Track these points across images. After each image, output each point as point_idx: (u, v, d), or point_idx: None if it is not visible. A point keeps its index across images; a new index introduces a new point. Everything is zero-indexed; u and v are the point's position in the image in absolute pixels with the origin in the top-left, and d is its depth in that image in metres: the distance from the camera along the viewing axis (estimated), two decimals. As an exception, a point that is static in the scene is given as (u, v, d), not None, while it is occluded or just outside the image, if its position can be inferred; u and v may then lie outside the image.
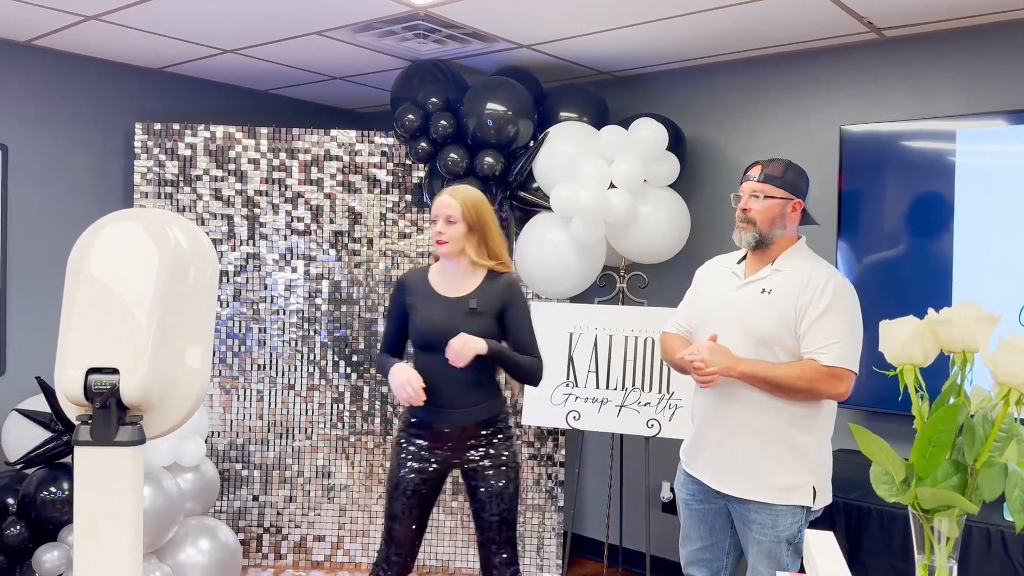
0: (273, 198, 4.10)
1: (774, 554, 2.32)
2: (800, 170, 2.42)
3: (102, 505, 1.50)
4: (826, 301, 2.26)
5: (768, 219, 2.35)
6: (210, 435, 4.01)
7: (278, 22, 3.43)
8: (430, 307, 2.60)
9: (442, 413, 2.58)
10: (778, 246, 2.39)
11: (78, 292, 1.51)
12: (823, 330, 2.26)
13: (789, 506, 2.30)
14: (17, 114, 3.86)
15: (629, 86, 4.13)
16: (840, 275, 2.38)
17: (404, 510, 2.63)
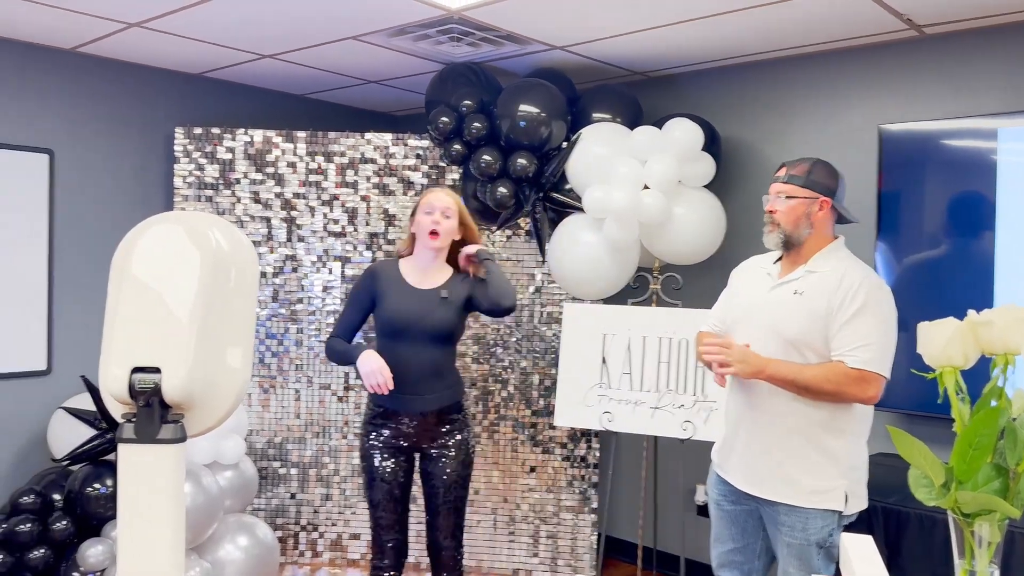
0: (310, 201, 4.16)
1: (804, 558, 2.30)
2: (829, 168, 2.38)
3: (145, 501, 1.54)
4: (858, 303, 2.23)
5: (792, 220, 2.33)
6: (249, 433, 4.07)
7: (315, 27, 3.48)
8: (401, 297, 2.72)
9: (408, 400, 2.70)
10: (811, 246, 2.35)
11: (122, 293, 1.54)
12: (853, 332, 2.22)
13: (819, 510, 2.27)
14: (63, 119, 3.96)
15: (663, 86, 4.11)
16: (875, 276, 2.33)
17: (386, 498, 2.75)
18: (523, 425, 4.07)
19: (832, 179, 2.36)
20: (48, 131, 3.91)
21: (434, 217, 2.71)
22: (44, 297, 3.86)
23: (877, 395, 2.23)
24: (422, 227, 2.73)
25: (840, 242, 2.39)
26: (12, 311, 3.76)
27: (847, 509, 2.29)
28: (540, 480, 4.04)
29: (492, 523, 4.07)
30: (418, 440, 2.77)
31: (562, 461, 4.03)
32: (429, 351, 2.72)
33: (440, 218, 2.72)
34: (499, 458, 4.08)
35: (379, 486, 2.75)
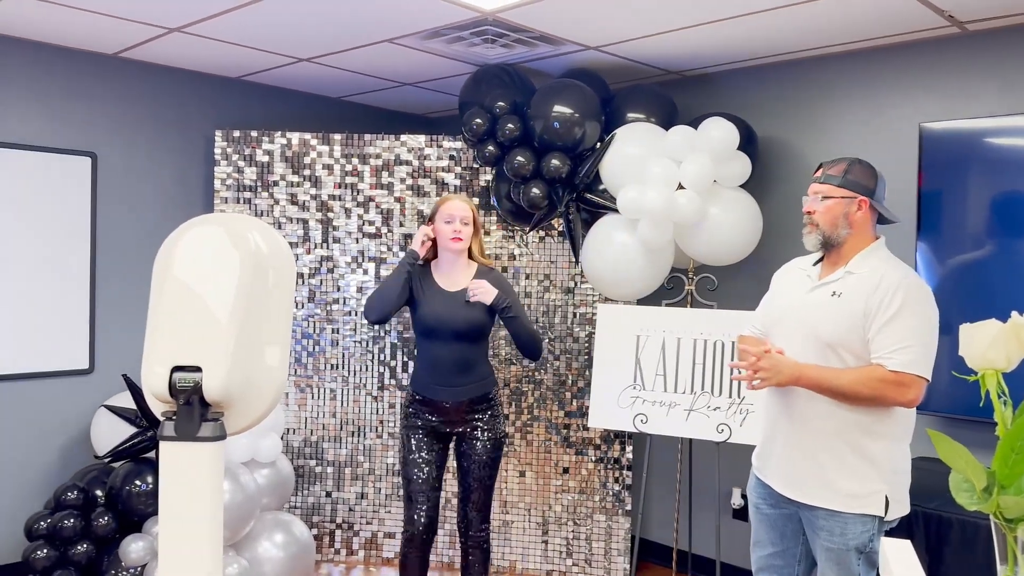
0: (346, 202, 4.20)
1: (844, 563, 2.26)
2: (868, 168, 2.34)
3: (185, 498, 1.56)
4: (897, 304, 2.19)
5: (829, 220, 2.30)
6: (286, 432, 4.13)
7: (351, 31, 3.52)
8: (433, 299, 2.99)
9: (443, 390, 2.98)
10: (851, 247, 2.31)
11: (163, 293, 1.57)
12: (892, 335, 2.18)
13: (859, 515, 2.23)
14: (105, 123, 4.05)
15: (698, 86, 4.08)
16: (916, 277, 2.29)
17: (420, 475, 3.02)
18: (556, 426, 4.07)
19: (871, 178, 2.32)
20: (91, 135, 4.00)
21: (455, 226, 2.96)
22: (87, 297, 3.95)
23: (918, 398, 2.19)
24: (444, 235, 2.98)
25: (881, 243, 2.35)
26: (56, 311, 3.85)
27: (888, 515, 2.25)
28: (573, 482, 4.04)
29: (525, 524, 4.07)
30: (453, 425, 3.03)
31: (596, 463, 4.02)
32: (459, 348, 2.98)
33: (460, 226, 2.97)
34: (532, 459, 4.08)
35: (413, 464, 3.02)
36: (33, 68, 3.81)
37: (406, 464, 3.04)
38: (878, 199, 2.32)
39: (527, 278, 4.11)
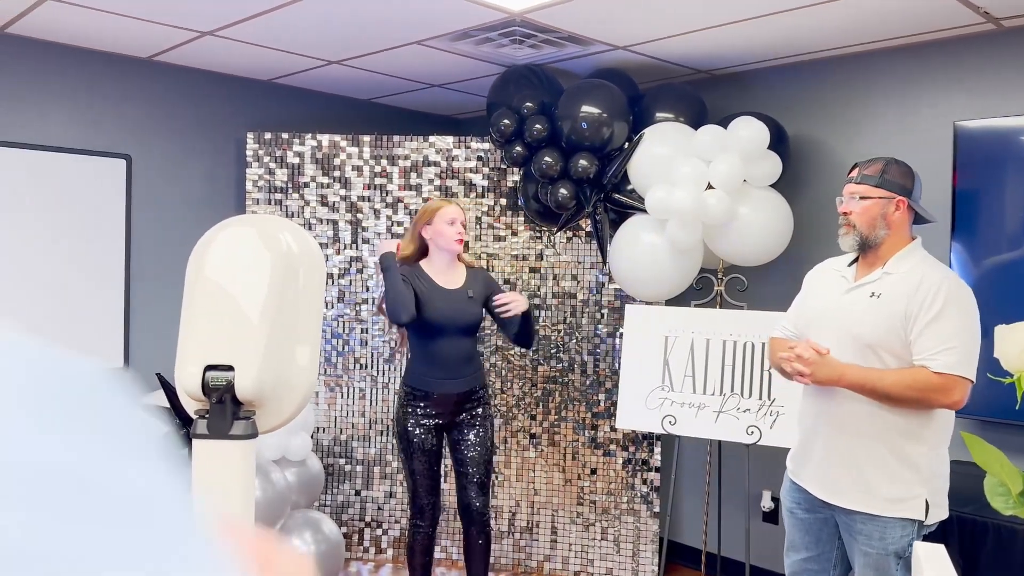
0: (375, 203, 4.23)
1: (883, 568, 2.24)
2: (905, 167, 2.32)
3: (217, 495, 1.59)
4: (939, 305, 2.16)
5: (867, 221, 2.28)
6: (315, 431, 4.16)
7: (380, 33, 3.54)
8: (438, 299, 3.11)
9: (448, 383, 3.14)
10: (888, 248, 2.29)
11: (196, 294, 1.60)
12: (935, 336, 2.15)
13: (898, 519, 2.21)
14: (139, 126, 4.12)
15: (728, 84, 4.05)
16: (955, 278, 2.26)
17: (424, 467, 3.18)
18: (584, 427, 4.06)
19: (908, 178, 2.30)
20: (126, 137, 4.07)
21: (457, 228, 3.13)
22: (121, 297, 4.01)
23: (963, 399, 2.16)
24: (447, 236, 3.11)
25: (918, 243, 2.32)
26: (91, 311, 3.93)
27: (928, 519, 2.23)
28: (601, 483, 4.03)
29: (553, 525, 4.07)
30: (450, 416, 3.19)
31: (624, 464, 4.01)
32: (461, 342, 3.16)
33: (461, 228, 3.15)
34: (560, 460, 4.08)
35: (419, 457, 3.16)
36: (69, 72, 3.89)
37: (411, 458, 3.17)
38: (915, 199, 2.29)
39: (554, 279, 4.11)
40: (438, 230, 3.11)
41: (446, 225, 3.10)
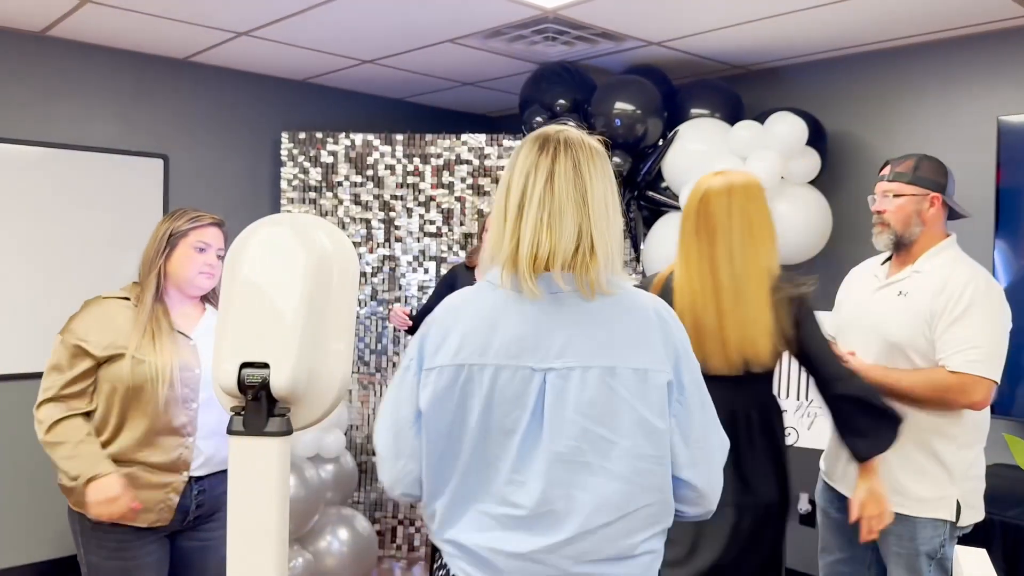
0: (407, 202, 4.24)
1: (914, 568, 2.21)
2: (937, 163, 2.28)
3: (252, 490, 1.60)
4: (964, 304, 2.12)
5: (901, 219, 2.24)
6: (349, 428, 4.19)
7: (413, 32, 3.55)
8: None
9: None
10: (920, 245, 2.26)
11: (233, 292, 1.61)
12: (958, 335, 2.12)
13: (929, 519, 2.19)
14: (177, 126, 4.18)
15: (765, 80, 4.00)
16: (985, 276, 2.20)
17: None
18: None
19: (941, 174, 2.26)
20: (163, 137, 4.13)
21: None
22: (161, 295, 4.07)
23: (985, 399, 2.12)
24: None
25: (951, 240, 2.28)
26: (132, 308, 3.98)
27: (960, 520, 2.19)
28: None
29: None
30: None
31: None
32: None
33: None
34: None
35: None
36: (107, 73, 3.95)
37: None
38: (949, 194, 2.25)
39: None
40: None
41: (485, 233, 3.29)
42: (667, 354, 1.33)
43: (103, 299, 2.17)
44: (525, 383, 1.29)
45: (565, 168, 1.31)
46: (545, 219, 1.29)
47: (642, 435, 1.29)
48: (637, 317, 1.35)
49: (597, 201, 1.32)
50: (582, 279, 1.30)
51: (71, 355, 2.07)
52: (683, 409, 1.34)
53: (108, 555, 2.08)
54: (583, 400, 1.28)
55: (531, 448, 1.29)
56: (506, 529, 1.29)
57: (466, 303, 1.38)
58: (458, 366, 1.32)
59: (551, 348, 1.30)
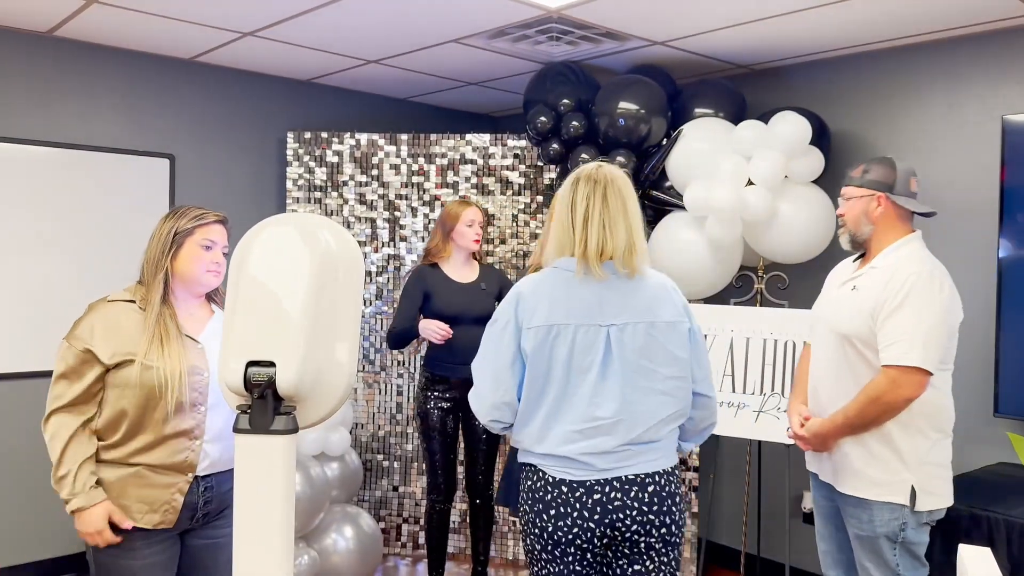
0: (412, 201, 4.26)
1: (876, 550, 2.31)
2: (888, 164, 2.40)
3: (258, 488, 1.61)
4: (900, 297, 2.24)
5: (852, 219, 2.42)
6: (354, 427, 4.20)
7: (418, 32, 3.56)
8: (453, 293, 3.39)
9: (456, 368, 3.33)
10: (878, 243, 2.39)
11: (239, 291, 1.62)
12: (891, 328, 2.24)
13: (884, 502, 2.28)
14: (183, 126, 4.20)
15: (769, 79, 4.00)
16: (929, 271, 2.29)
17: (442, 446, 3.44)
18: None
19: (889, 175, 2.39)
20: (169, 137, 4.15)
21: (475, 229, 3.43)
22: (167, 294, 4.09)
23: (916, 389, 2.22)
24: (467, 237, 3.42)
25: (910, 236, 2.39)
26: (138, 307, 4.00)
27: (918, 505, 2.27)
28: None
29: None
30: (464, 400, 3.26)
31: (661, 462, 3.98)
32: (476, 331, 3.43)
33: (479, 229, 3.46)
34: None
35: (437, 438, 3.44)
36: (114, 73, 3.98)
37: (430, 439, 3.44)
38: (899, 193, 2.37)
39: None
40: (460, 231, 3.43)
41: (466, 227, 3.42)
42: (683, 311, 2.03)
43: (108, 302, 2.13)
44: (596, 335, 1.94)
45: (612, 194, 1.98)
46: (607, 226, 1.96)
47: (674, 364, 1.97)
48: (660, 289, 2.03)
49: (633, 215, 2.00)
50: (629, 266, 1.98)
51: (80, 361, 2.04)
52: (695, 346, 2.03)
53: (118, 554, 2.07)
54: (635, 345, 1.94)
55: (602, 380, 1.93)
56: (592, 437, 1.92)
57: (544, 283, 2.00)
58: (549, 326, 1.94)
59: (610, 311, 1.95)
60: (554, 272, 2.01)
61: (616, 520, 1.91)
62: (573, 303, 1.95)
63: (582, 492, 1.92)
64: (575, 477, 1.92)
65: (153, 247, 2.15)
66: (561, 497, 1.92)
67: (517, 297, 1.99)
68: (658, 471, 1.95)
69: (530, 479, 1.99)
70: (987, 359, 3.23)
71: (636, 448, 1.93)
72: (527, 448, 1.98)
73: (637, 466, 1.93)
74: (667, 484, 1.96)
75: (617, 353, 1.93)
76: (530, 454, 1.98)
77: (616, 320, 1.94)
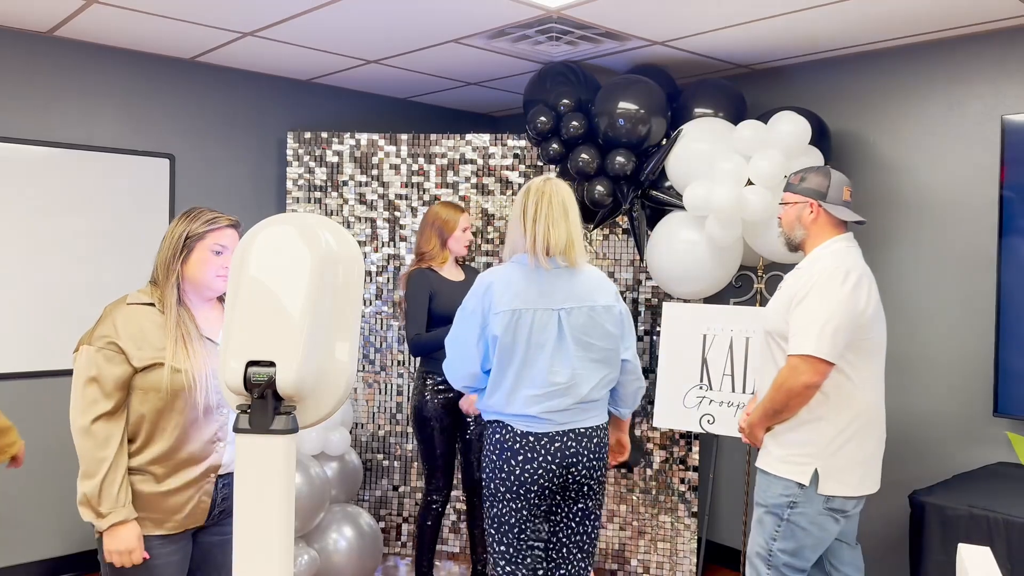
0: (412, 201, 4.26)
1: (762, 521, 2.49)
2: (823, 173, 2.52)
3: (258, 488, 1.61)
4: (804, 292, 2.38)
5: (787, 224, 2.58)
6: (354, 426, 4.21)
7: (418, 32, 3.56)
8: (451, 292, 3.42)
9: None
10: (810, 246, 2.52)
11: (239, 291, 1.63)
12: (794, 320, 2.38)
13: (780, 477, 2.44)
14: (183, 126, 4.20)
15: (769, 79, 4.00)
16: (842, 267, 2.39)
17: (442, 445, 3.49)
18: (621, 425, 4.05)
19: (823, 183, 2.51)
20: (169, 137, 4.15)
21: (468, 235, 3.57)
22: (167, 294, 4.09)
23: (812, 377, 2.33)
24: (461, 242, 3.53)
25: (837, 238, 2.50)
26: (138, 307, 4.00)
27: (820, 489, 2.39)
28: (638, 482, 4.01)
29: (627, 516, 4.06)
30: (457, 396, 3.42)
31: (661, 463, 3.99)
32: None
33: (470, 235, 3.60)
34: (597, 457, 4.07)
35: (435, 436, 3.48)
36: (114, 73, 3.98)
37: (430, 439, 3.48)
38: (831, 202, 2.48)
39: (592, 276, 4.10)
40: (456, 237, 3.53)
41: (461, 232, 3.53)
42: (615, 297, 2.52)
43: (127, 305, 2.07)
44: (549, 317, 2.40)
45: (556, 202, 2.42)
46: (550, 226, 2.40)
47: (607, 339, 2.46)
48: (597, 280, 2.51)
49: (572, 220, 2.44)
50: (570, 259, 2.43)
51: (111, 364, 1.96)
52: (623, 323, 2.53)
53: None
54: (580, 324, 2.43)
55: (556, 353, 2.39)
56: (551, 399, 2.38)
57: (506, 275, 2.43)
58: (513, 310, 2.38)
59: (559, 297, 2.42)
60: (513, 266, 2.45)
61: (571, 464, 2.42)
62: (531, 291, 2.40)
63: (546, 441, 2.39)
64: (539, 430, 2.39)
65: (165, 249, 2.12)
66: (528, 446, 2.39)
67: (486, 287, 2.41)
68: (599, 425, 2.48)
69: (498, 433, 2.44)
70: (987, 359, 3.24)
71: (584, 406, 2.43)
72: (497, 410, 2.43)
73: (585, 421, 2.44)
74: (604, 436, 2.51)
75: (567, 331, 2.40)
76: (499, 414, 2.44)
77: (564, 305, 2.41)
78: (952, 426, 3.39)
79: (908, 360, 3.50)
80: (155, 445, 2.01)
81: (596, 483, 2.49)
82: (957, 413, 3.38)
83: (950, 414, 3.39)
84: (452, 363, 2.48)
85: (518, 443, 2.39)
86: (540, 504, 2.43)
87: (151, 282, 2.13)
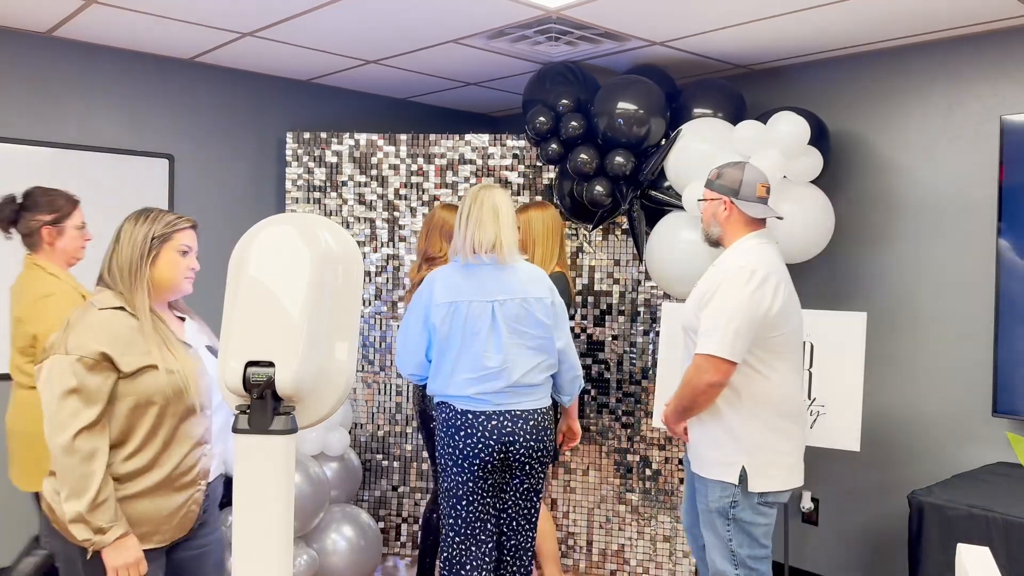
0: (411, 202, 4.26)
1: (711, 525, 2.52)
2: (737, 170, 2.56)
3: (257, 488, 1.62)
4: (711, 292, 2.43)
5: (705, 220, 2.63)
6: (353, 427, 4.21)
7: (417, 33, 3.56)
8: None
9: None
10: (727, 243, 2.57)
11: (238, 291, 1.63)
12: (702, 320, 2.43)
13: (716, 480, 2.48)
14: (182, 126, 4.20)
15: (768, 79, 4.00)
16: (741, 266, 2.43)
17: None
18: (620, 425, 4.05)
19: (736, 180, 2.54)
20: (169, 137, 4.15)
21: None
22: (166, 294, 4.09)
23: (718, 373, 2.38)
24: None
25: (750, 235, 2.53)
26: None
27: (749, 487, 2.43)
28: (638, 482, 4.01)
29: (588, 525, 4.07)
30: None
31: (660, 463, 3.99)
32: None
33: None
34: (595, 459, 4.07)
35: None
36: (113, 74, 3.98)
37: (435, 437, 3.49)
38: (744, 198, 2.52)
39: (590, 277, 4.10)
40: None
41: None
42: (549, 291, 2.74)
43: (98, 311, 1.94)
44: (484, 308, 2.65)
45: (488, 206, 2.66)
46: (478, 228, 2.65)
47: (540, 328, 2.69)
48: (532, 275, 2.74)
49: (504, 222, 2.67)
50: (499, 256, 2.67)
51: (93, 372, 1.84)
52: (556, 314, 2.75)
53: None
54: (512, 315, 2.66)
55: (489, 340, 2.63)
56: (485, 382, 2.62)
57: (448, 272, 2.72)
58: (451, 302, 2.65)
59: (492, 290, 2.66)
60: (453, 265, 2.73)
61: (508, 443, 2.63)
62: (467, 286, 2.65)
63: (483, 419, 2.62)
64: (477, 409, 2.63)
65: (129, 252, 2.00)
66: (468, 423, 2.63)
67: (430, 283, 2.70)
68: (537, 408, 2.69)
69: (444, 412, 2.69)
70: (986, 359, 3.24)
71: (519, 390, 2.65)
72: (440, 392, 2.69)
73: (521, 403, 2.66)
74: (543, 419, 2.70)
75: (500, 321, 2.63)
76: (443, 395, 2.69)
77: (498, 297, 2.64)
78: (951, 426, 3.39)
79: (907, 360, 3.50)
80: (143, 453, 1.91)
81: (538, 463, 2.71)
82: (956, 413, 3.38)
83: (949, 414, 3.39)
84: (400, 353, 2.78)
85: (459, 420, 2.64)
86: (486, 478, 2.67)
87: (105, 286, 2.01)
